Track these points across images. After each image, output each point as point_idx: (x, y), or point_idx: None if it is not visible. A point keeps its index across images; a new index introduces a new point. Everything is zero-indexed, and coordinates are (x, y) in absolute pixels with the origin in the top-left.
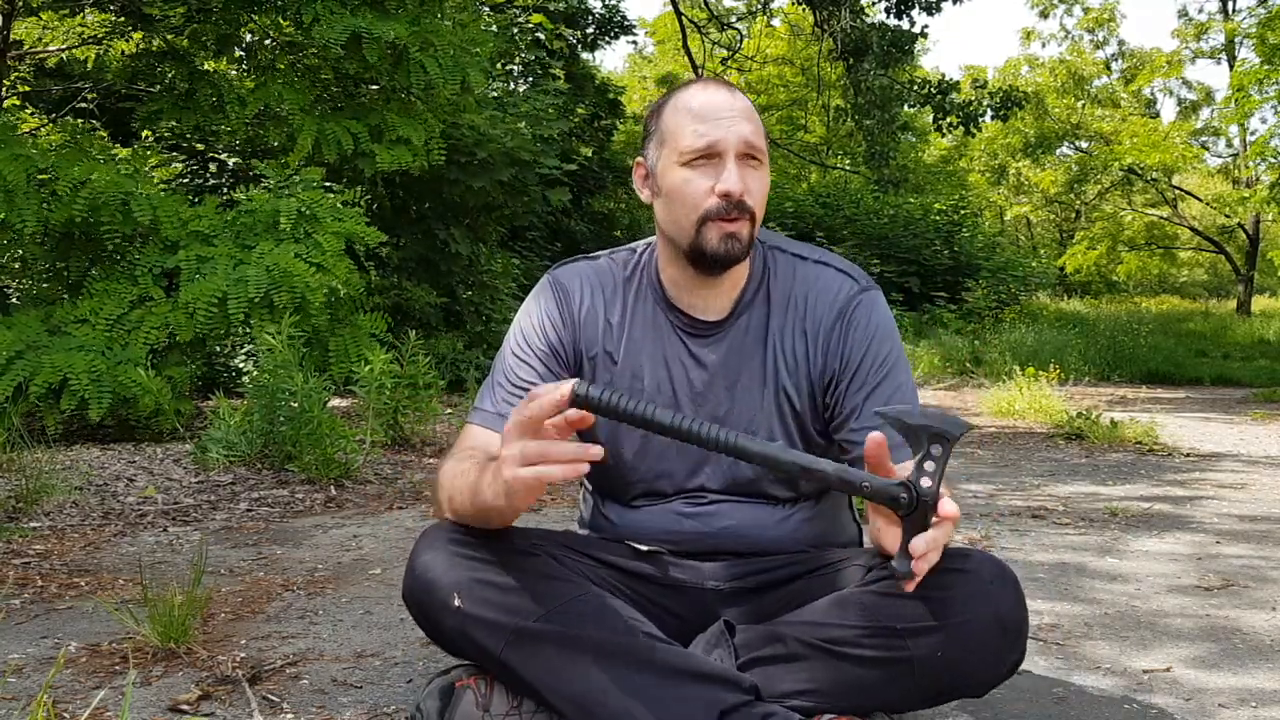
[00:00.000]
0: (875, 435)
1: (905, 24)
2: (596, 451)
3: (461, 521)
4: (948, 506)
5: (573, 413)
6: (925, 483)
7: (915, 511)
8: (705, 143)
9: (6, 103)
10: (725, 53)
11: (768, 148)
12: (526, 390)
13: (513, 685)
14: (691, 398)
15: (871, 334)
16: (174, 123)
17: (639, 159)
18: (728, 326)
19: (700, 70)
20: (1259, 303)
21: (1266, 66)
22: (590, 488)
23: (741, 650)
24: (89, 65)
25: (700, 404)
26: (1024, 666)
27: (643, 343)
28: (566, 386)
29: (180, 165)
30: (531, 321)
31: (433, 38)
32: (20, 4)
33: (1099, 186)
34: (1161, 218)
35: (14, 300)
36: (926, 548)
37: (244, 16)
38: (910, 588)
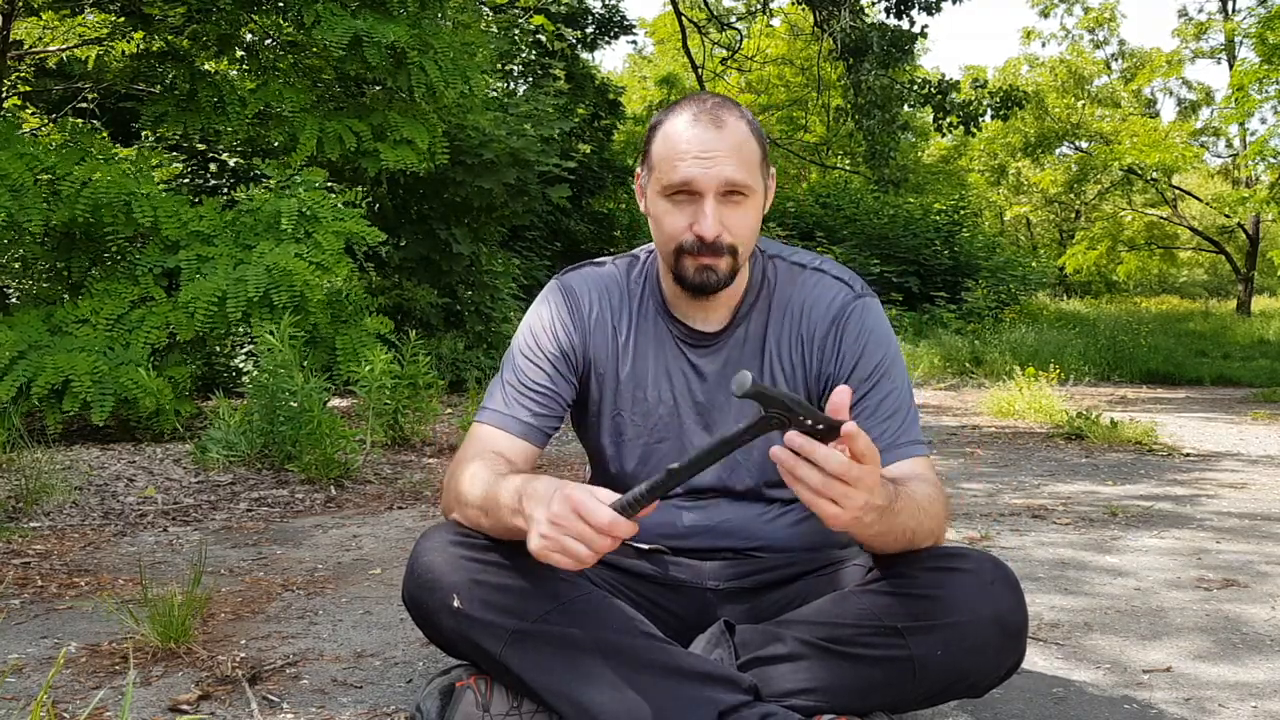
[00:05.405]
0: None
1: (905, 24)
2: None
3: (470, 526)
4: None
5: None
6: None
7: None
8: (682, 179)
9: (7, 102)
10: (725, 53)
11: (760, 173)
12: (536, 391)
13: (512, 686)
14: (694, 408)
15: (864, 341)
16: (179, 127)
17: (639, 169)
18: (725, 337)
19: (700, 70)
20: (1259, 303)
21: (1266, 66)
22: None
23: (741, 650)
24: (89, 65)
25: (702, 414)
26: (1024, 665)
27: (645, 353)
28: (606, 516)
29: (180, 165)
30: (542, 324)
31: (432, 40)
32: (20, 4)
33: (1099, 186)
34: (1161, 218)
35: (14, 300)
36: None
37: (244, 17)
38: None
